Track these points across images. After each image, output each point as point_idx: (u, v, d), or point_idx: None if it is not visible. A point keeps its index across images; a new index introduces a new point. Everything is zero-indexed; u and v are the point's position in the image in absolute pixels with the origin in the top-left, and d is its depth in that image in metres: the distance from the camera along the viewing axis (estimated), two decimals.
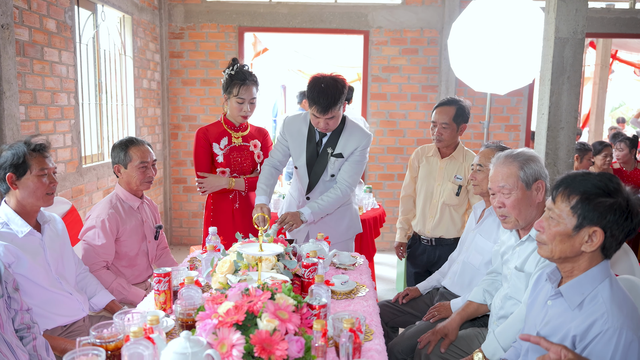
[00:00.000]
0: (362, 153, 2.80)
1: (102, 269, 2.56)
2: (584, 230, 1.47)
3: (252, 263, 2.01)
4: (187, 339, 1.28)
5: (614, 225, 1.44)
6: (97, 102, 4.36)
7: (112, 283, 2.55)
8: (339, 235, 2.93)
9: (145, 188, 2.72)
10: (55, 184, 2.18)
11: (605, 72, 8.26)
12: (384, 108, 5.73)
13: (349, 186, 2.78)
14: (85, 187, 3.96)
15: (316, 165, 2.80)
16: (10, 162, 2.05)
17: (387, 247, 5.89)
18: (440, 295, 2.63)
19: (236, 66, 2.86)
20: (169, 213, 5.82)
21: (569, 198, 1.50)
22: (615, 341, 1.38)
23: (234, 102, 2.87)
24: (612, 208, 1.44)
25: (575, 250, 1.50)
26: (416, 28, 5.59)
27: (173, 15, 5.56)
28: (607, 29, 5.57)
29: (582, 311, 1.47)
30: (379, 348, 1.70)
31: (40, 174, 2.09)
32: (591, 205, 1.45)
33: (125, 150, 2.64)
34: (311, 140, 2.80)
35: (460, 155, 3.02)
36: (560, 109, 2.84)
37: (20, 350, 1.75)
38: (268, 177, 2.84)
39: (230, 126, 2.97)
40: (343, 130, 2.78)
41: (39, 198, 2.11)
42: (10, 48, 2.93)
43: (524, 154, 2.01)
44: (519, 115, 5.78)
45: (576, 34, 2.79)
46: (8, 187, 2.07)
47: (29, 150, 2.09)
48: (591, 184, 1.47)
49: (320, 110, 2.59)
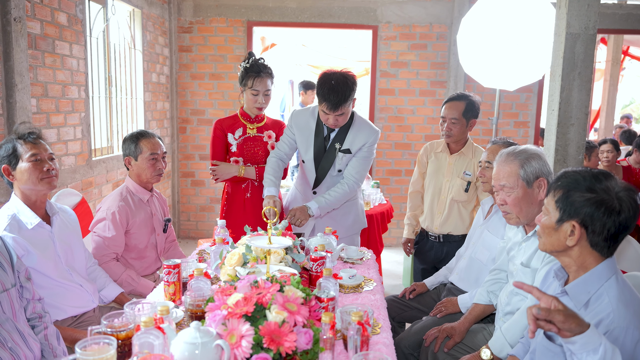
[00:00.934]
0: (370, 149, 2.81)
1: (112, 261, 2.59)
2: (566, 224, 1.48)
3: (261, 256, 2.02)
4: (197, 329, 1.30)
5: (593, 219, 1.44)
6: (106, 95, 4.39)
7: (121, 275, 2.57)
8: (345, 229, 2.94)
9: (156, 181, 2.74)
10: (53, 169, 2.14)
11: (617, 69, 8.18)
12: (392, 103, 5.72)
13: (355, 182, 2.80)
14: (95, 180, 3.99)
15: (324, 160, 2.82)
16: (2, 154, 2.08)
17: (394, 242, 5.90)
18: (448, 291, 2.63)
19: (252, 59, 2.91)
20: (177, 206, 5.85)
21: (555, 192, 1.52)
22: (622, 340, 1.37)
23: (249, 94, 2.94)
24: (589, 202, 1.44)
25: (561, 244, 1.51)
26: (425, 23, 5.57)
27: (182, 10, 5.58)
28: (619, 25, 5.52)
29: (588, 310, 1.47)
30: (387, 341, 1.71)
31: (31, 159, 2.08)
32: (570, 199, 1.47)
33: (136, 142, 2.67)
34: (319, 134, 2.81)
35: (469, 151, 3.01)
36: (570, 105, 2.82)
37: (32, 339, 1.78)
38: (275, 168, 2.87)
39: (246, 118, 3.04)
40: (351, 126, 2.78)
41: (35, 182, 2.09)
42: (22, 41, 2.96)
43: (525, 151, 2.01)
44: (528, 112, 5.74)
45: (588, 29, 2.76)
46: (10, 180, 2.11)
47: (18, 140, 2.10)
48: (578, 180, 1.49)
49: (330, 107, 2.60)
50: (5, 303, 1.70)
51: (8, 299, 1.72)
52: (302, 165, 2.93)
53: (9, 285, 1.74)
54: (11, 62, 2.89)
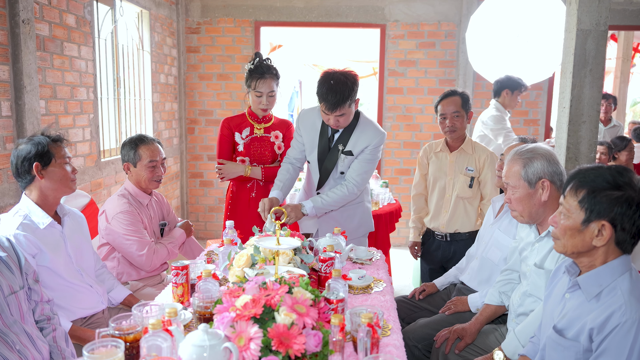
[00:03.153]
0: (373, 152, 2.72)
1: (152, 243, 2.65)
2: (593, 224, 1.45)
3: (269, 257, 2.01)
4: (205, 332, 1.28)
5: (624, 218, 1.42)
6: (115, 96, 4.40)
7: (167, 247, 2.71)
8: (349, 233, 2.89)
9: (154, 187, 2.73)
10: (76, 172, 2.24)
11: (627, 66, 8.09)
12: (401, 102, 5.68)
13: (356, 185, 2.71)
14: (104, 181, 4.00)
15: (327, 161, 2.77)
16: (35, 152, 2.08)
17: (403, 242, 5.86)
18: (457, 291, 2.60)
19: (256, 60, 2.90)
20: (186, 207, 5.87)
21: (577, 192, 1.49)
22: (634, 333, 1.36)
23: (253, 95, 2.94)
24: (620, 201, 1.41)
25: (586, 244, 1.48)
26: (433, 21, 5.53)
27: (190, 10, 5.58)
28: (629, 21, 5.45)
29: (599, 303, 1.45)
30: (397, 343, 1.69)
31: (63, 162, 2.15)
32: (598, 199, 1.44)
33: (135, 148, 2.66)
34: (324, 135, 2.76)
35: (469, 147, 3.01)
36: (582, 102, 2.78)
37: (41, 341, 1.78)
38: (284, 173, 2.84)
39: (253, 118, 3.05)
40: (356, 127, 2.72)
41: (66, 185, 2.17)
42: (31, 43, 2.97)
43: (531, 151, 1.98)
44: (538, 110, 5.69)
45: (599, 25, 2.72)
46: (30, 179, 2.10)
47: (52, 141, 2.14)
48: (599, 178, 1.46)
49: (328, 107, 2.55)
50: (13, 305, 1.71)
51: (16, 302, 1.72)
52: (308, 165, 2.91)
53: (17, 288, 1.74)
54: (20, 64, 2.90)
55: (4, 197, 2.82)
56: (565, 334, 1.52)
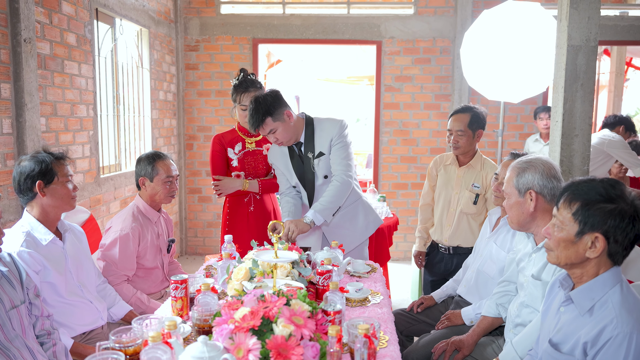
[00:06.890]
0: (341, 139, 2.72)
1: (123, 283, 2.60)
2: (586, 237, 1.48)
3: (268, 270, 2.03)
4: (204, 344, 1.31)
5: (617, 230, 1.44)
6: (114, 113, 4.45)
7: (132, 297, 2.58)
8: (360, 232, 2.89)
9: (168, 202, 2.77)
10: (77, 189, 2.27)
11: (621, 80, 8.18)
12: (397, 117, 5.74)
13: (343, 172, 2.69)
14: (103, 197, 4.02)
15: (306, 174, 2.80)
16: (38, 170, 2.11)
17: (401, 256, 5.88)
18: (455, 304, 2.62)
19: (241, 75, 2.95)
20: (184, 223, 5.88)
21: (570, 205, 1.51)
22: (626, 346, 1.37)
23: (239, 109, 3.00)
24: (613, 213, 1.44)
25: (579, 256, 1.51)
26: (429, 38, 5.62)
27: (189, 28, 5.66)
28: (621, 36, 5.54)
29: (592, 317, 1.47)
30: (394, 355, 1.70)
31: (65, 180, 2.18)
32: (591, 211, 1.47)
33: (153, 164, 2.69)
34: (293, 155, 2.80)
35: (478, 164, 3.03)
36: (574, 116, 2.83)
37: (41, 356, 1.79)
38: (284, 204, 2.87)
39: (244, 132, 3.10)
40: (315, 131, 2.76)
41: (67, 202, 2.20)
42: (32, 61, 3.02)
43: (527, 162, 2.03)
44: (533, 124, 5.75)
45: (589, 41, 2.78)
46: (32, 196, 2.13)
47: (55, 159, 2.17)
48: (592, 190, 1.49)
49: (252, 129, 2.63)
50: (15, 320, 1.72)
51: (18, 316, 1.74)
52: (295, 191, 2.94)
53: (18, 302, 1.76)
54: (21, 82, 2.94)
55: (5, 214, 2.85)
56: (561, 348, 1.54)
